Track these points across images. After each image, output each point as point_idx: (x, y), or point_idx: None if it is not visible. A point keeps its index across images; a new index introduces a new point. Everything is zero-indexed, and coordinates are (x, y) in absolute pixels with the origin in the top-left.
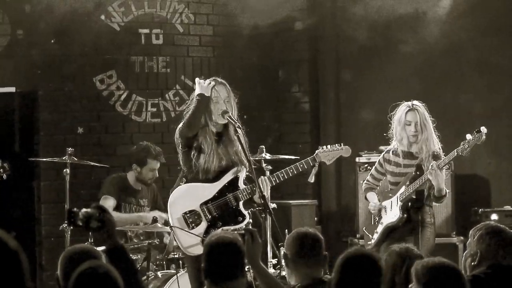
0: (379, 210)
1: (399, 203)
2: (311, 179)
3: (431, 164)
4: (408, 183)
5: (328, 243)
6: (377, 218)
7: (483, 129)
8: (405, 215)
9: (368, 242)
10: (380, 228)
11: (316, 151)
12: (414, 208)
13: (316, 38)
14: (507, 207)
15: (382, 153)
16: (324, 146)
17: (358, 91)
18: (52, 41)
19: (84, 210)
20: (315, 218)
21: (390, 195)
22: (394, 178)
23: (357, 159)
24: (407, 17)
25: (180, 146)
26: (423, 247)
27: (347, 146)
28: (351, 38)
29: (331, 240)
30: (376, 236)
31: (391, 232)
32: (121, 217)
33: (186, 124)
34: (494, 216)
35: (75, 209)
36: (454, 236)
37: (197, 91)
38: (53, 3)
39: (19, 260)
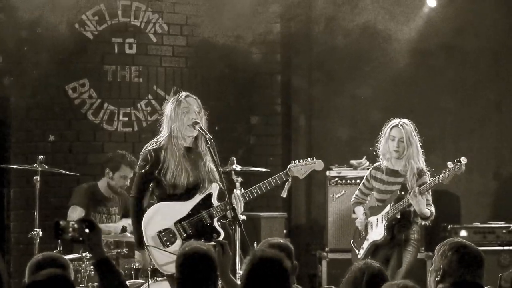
0: (365, 225)
1: (384, 222)
2: (284, 193)
3: (413, 189)
4: (393, 203)
5: (297, 256)
6: (363, 233)
7: (463, 160)
8: (389, 235)
9: (358, 256)
10: (366, 244)
11: (289, 166)
12: (399, 227)
13: (289, 51)
14: (476, 224)
15: (369, 169)
16: (297, 161)
17: (330, 105)
18: (25, 48)
19: (70, 222)
20: (285, 231)
21: (378, 211)
22: (380, 196)
23: (327, 173)
24: (380, 33)
25: None
26: (404, 263)
27: (319, 160)
28: (325, 52)
29: (300, 253)
30: (362, 251)
31: (376, 249)
32: None
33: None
34: (463, 233)
35: (62, 221)
36: (422, 251)
37: None
38: (27, 9)
39: None
